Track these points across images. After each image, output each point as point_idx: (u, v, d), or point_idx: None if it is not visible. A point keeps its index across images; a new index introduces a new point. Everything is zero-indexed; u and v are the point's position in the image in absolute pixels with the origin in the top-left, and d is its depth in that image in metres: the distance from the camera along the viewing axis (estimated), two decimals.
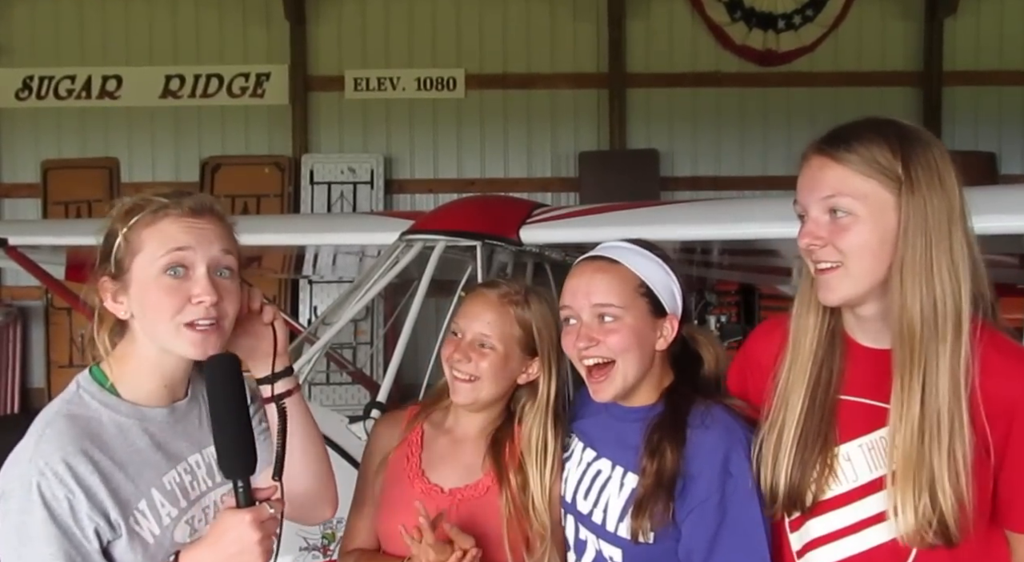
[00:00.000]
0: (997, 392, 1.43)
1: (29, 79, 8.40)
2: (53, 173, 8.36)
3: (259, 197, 8.19)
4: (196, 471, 1.52)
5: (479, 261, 3.23)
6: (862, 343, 1.55)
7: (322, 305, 7.82)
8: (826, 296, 1.49)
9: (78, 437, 1.38)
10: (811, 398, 1.53)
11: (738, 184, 8.35)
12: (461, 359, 1.81)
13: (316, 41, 8.45)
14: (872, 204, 1.43)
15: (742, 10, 8.37)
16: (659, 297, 1.71)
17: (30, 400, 8.27)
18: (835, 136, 1.50)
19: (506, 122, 8.49)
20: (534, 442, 1.80)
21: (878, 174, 1.44)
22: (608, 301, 1.68)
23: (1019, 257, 3.48)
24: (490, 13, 8.43)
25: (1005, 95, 8.44)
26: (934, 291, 1.41)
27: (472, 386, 1.81)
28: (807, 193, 1.49)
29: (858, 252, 1.44)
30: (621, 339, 1.67)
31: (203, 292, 1.42)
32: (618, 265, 1.71)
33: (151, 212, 1.44)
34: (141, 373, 1.48)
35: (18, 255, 4.47)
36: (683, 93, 8.48)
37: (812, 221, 1.47)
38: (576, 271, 1.75)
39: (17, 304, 8.35)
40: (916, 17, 8.45)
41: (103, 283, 1.46)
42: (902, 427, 1.43)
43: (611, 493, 1.69)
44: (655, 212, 3.50)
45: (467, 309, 1.87)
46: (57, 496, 1.34)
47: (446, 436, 1.87)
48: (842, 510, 1.52)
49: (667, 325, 1.71)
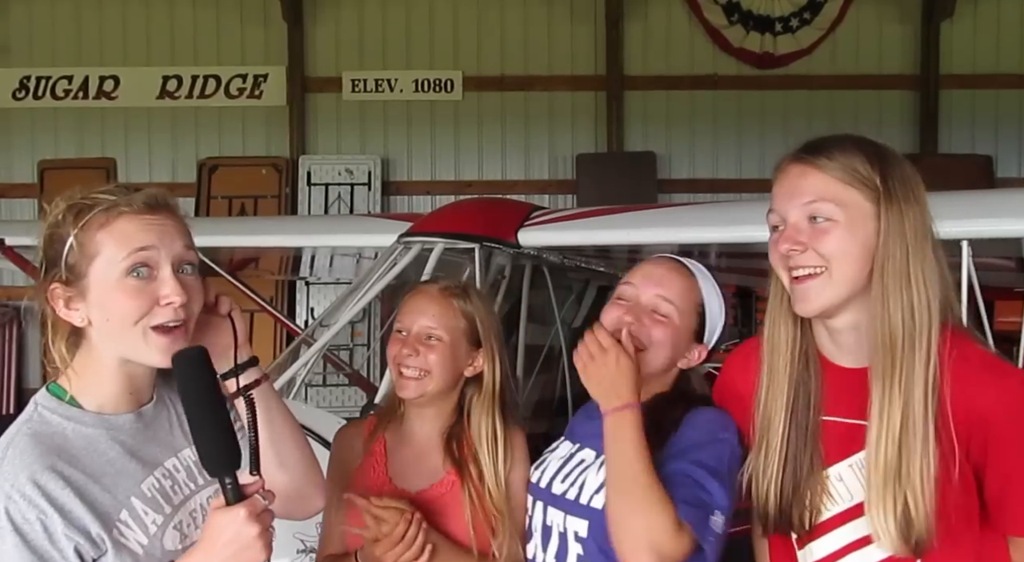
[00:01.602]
0: (969, 404, 1.43)
1: (26, 79, 8.38)
2: (50, 173, 8.33)
3: (256, 198, 8.18)
4: (175, 475, 1.46)
5: (477, 263, 3.23)
6: (837, 363, 1.55)
7: (319, 306, 7.82)
8: (804, 306, 1.48)
9: (43, 454, 1.31)
10: (792, 420, 1.53)
11: (735, 187, 8.34)
12: (409, 354, 1.84)
13: (314, 42, 8.44)
14: (852, 211, 1.45)
15: (739, 13, 8.37)
16: (706, 324, 1.77)
17: (26, 400, 8.19)
18: (813, 146, 1.51)
19: (503, 124, 8.49)
20: (484, 432, 1.85)
21: (858, 183, 1.46)
22: (671, 297, 1.73)
23: (1016, 260, 3.49)
24: (488, 15, 8.43)
25: (1002, 98, 8.45)
26: (912, 300, 1.43)
27: (420, 382, 1.85)
28: (786, 200, 1.49)
29: (840, 256, 1.45)
30: (662, 335, 1.71)
31: (172, 292, 1.35)
32: (692, 279, 1.78)
33: (103, 211, 1.35)
34: (102, 381, 1.40)
35: (15, 255, 4.47)
36: (680, 95, 8.49)
37: (792, 227, 1.48)
38: (655, 260, 1.81)
39: (13, 304, 8.32)
40: (913, 20, 8.46)
41: (53, 290, 1.37)
42: (883, 437, 1.43)
43: (590, 473, 1.70)
44: (653, 215, 3.51)
45: (410, 307, 1.91)
46: (28, 519, 1.27)
47: (407, 445, 1.91)
48: (842, 529, 1.52)
49: (697, 351, 1.77)
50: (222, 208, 8.15)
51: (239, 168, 8.33)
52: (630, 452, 1.54)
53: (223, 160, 8.38)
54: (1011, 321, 4.88)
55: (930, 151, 8.33)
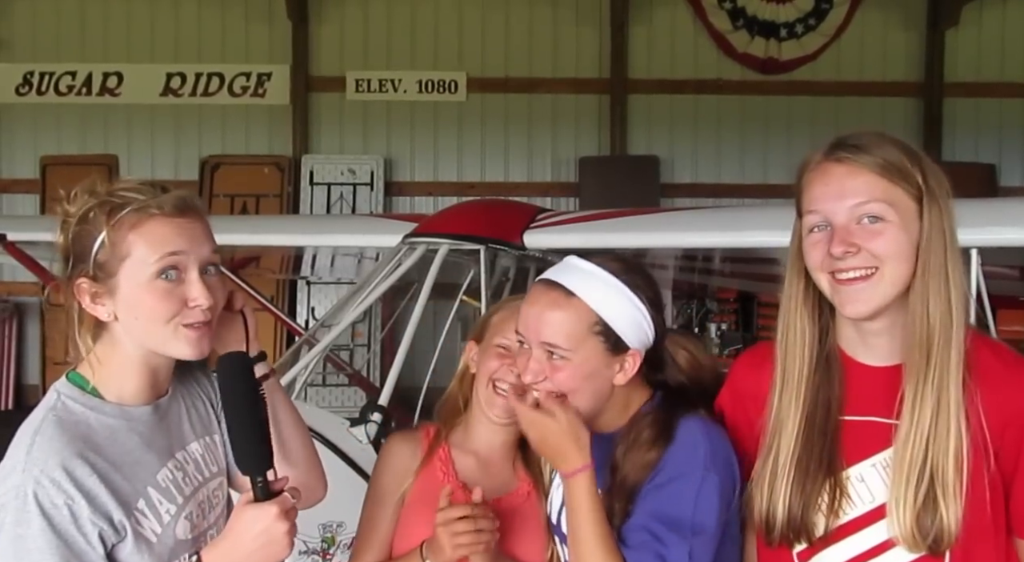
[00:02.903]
0: (1004, 401, 1.42)
1: (29, 74, 8.38)
2: (52, 169, 8.33)
3: (258, 197, 8.17)
4: (186, 467, 1.50)
5: (483, 265, 3.22)
6: (864, 362, 1.52)
7: (320, 306, 7.81)
8: (856, 308, 1.45)
9: (71, 441, 1.35)
10: (808, 423, 1.50)
11: (738, 192, 8.36)
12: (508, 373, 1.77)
13: (318, 42, 8.45)
14: (901, 210, 1.43)
15: (744, 18, 8.38)
16: (618, 334, 1.58)
17: (25, 396, 8.25)
18: (850, 144, 1.47)
19: (507, 126, 8.50)
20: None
21: (902, 182, 1.44)
22: (555, 342, 1.56)
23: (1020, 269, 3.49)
24: (492, 17, 8.43)
25: (1006, 107, 8.46)
26: (950, 297, 1.42)
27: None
28: (833, 201, 1.44)
29: (894, 257, 1.42)
30: (567, 378, 1.57)
31: (200, 296, 1.41)
32: (573, 299, 1.57)
33: (134, 212, 1.39)
34: (125, 373, 1.44)
35: (16, 251, 4.45)
36: (684, 100, 8.49)
37: (842, 229, 1.43)
38: (531, 296, 1.64)
39: (14, 300, 8.32)
40: (918, 28, 8.47)
41: (80, 285, 1.40)
42: (913, 434, 1.41)
43: None
44: (659, 219, 3.50)
45: (511, 323, 1.78)
46: (56, 504, 1.30)
47: (471, 456, 1.85)
48: (861, 534, 1.49)
49: (628, 360, 1.60)
50: (224, 206, 8.14)
51: (242, 166, 8.33)
52: (585, 518, 1.50)
53: (226, 158, 8.38)
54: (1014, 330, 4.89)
55: (933, 159, 8.28)
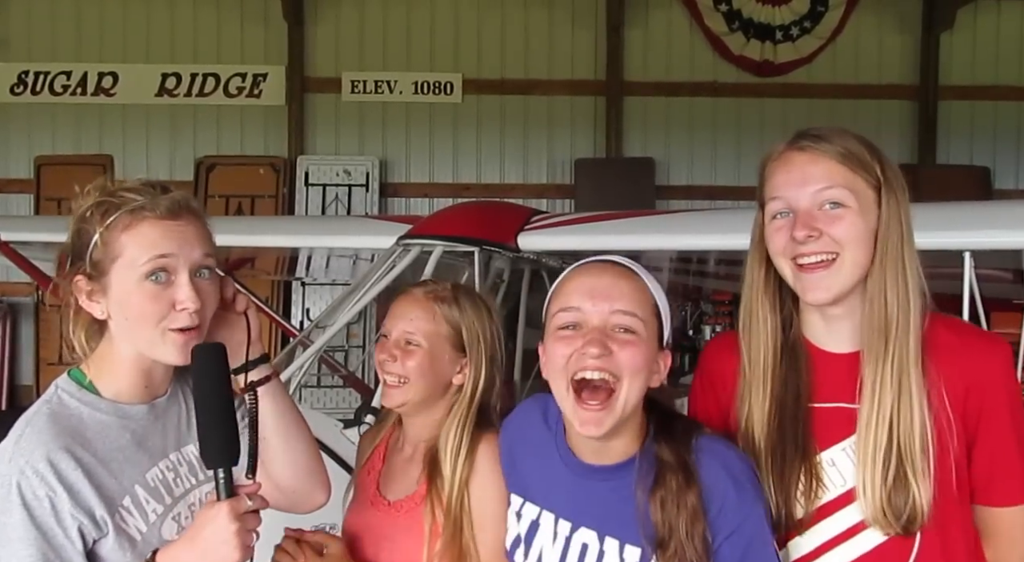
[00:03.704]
0: (963, 370, 1.47)
1: (24, 74, 8.36)
2: (46, 169, 8.31)
3: (253, 198, 8.17)
4: (179, 468, 1.51)
5: (476, 267, 3.22)
6: (828, 349, 1.55)
7: (314, 307, 7.80)
8: (817, 295, 1.48)
9: (59, 434, 1.36)
10: (779, 410, 1.52)
11: (733, 194, 8.34)
12: (387, 359, 1.76)
13: (314, 42, 8.44)
14: (860, 197, 1.48)
15: (740, 20, 8.40)
16: (664, 327, 1.51)
17: (18, 397, 8.23)
18: (815, 135, 1.54)
19: (503, 127, 8.49)
20: (450, 441, 1.71)
21: (862, 171, 1.49)
22: (632, 310, 1.45)
23: (1014, 272, 3.50)
24: (488, 18, 8.43)
25: (1000, 110, 8.48)
26: (908, 283, 1.47)
27: (401, 390, 1.75)
28: (795, 187, 1.50)
29: (854, 242, 1.47)
30: (636, 355, 1.44)
31: (187, 299, 1.40)
32: (639, 278, 1.50)
33: (128, 213, 1.41)
34: (120, 372, 1.46)
35: (9, 251, 4.44)
36: (680, 102, 8.50)
37: (805, 214, 1.48)
38: (590, 270, 1.52)
39: (7, 300, 8.30)
40: (913, 31, 8.49)
41: (77, 282, 1.43)
42: (875, 419, 1.44)
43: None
44: (653, 221, 3.50)
45: (394, 310, 1.82)
46: (38, 495, 1.32)
47: (399, 453, 1.85)
48: (834, 517, 1.51)
49: (663, 360, 1.51)
50: (219, 207, 8.12)
51: (237, 167, 8.32)
52: None
53: (221, 159, 8.37)
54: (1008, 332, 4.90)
55: (928, 162, 8.35)
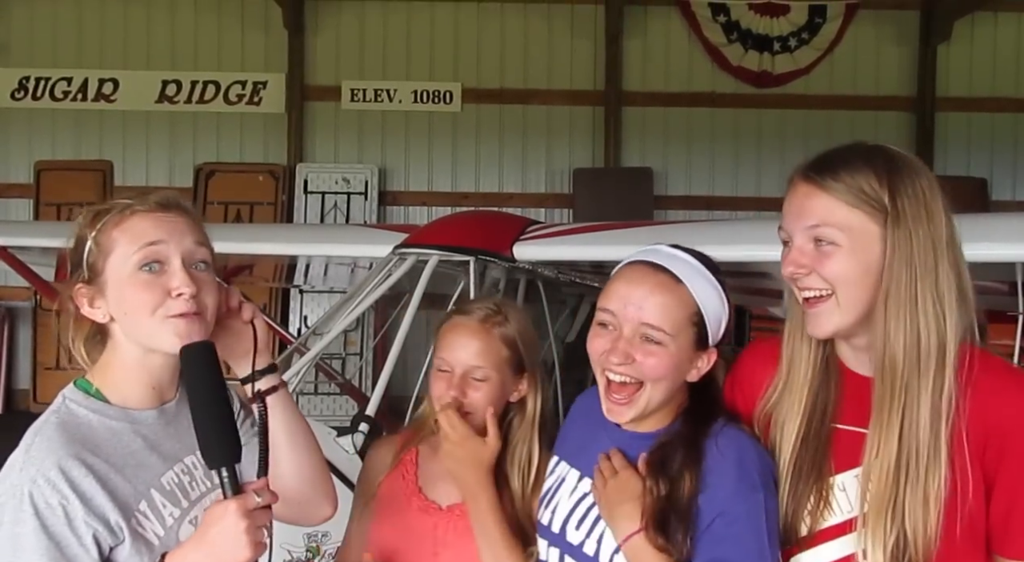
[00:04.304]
0: (987, 414, 1.39)
1: (25, 79, 8.39)
2: (46, 174, 8.34)
3: (252, 205, 8.18)
4: (193, 472, 1.50)
5: (472, 277, 3.23)
6: (856, 371, 1.52)
7: (312, 314, 7.81)
8: (814, 329, 1.47)
9: (69, 442, 1.36)
10: (806, 427, 1.50)
11: (731, 204, 8.38)
12: (456, 396, 1.77)
13: (314, 51, 8.46)
14: (856, 235, 1.42)
15: (738, 31, 8.42)
16: (708, 330, 1.56)
17: (15, 401, 8.23)
18: (822, 162, 1.47)
19: (502, 137, 8.51)
20: (518, 458, 1.80)
21: (864, 204, 1.41)
22: (660, 325, 1.52)
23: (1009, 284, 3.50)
24: (488, 28, 8.46)
25: (997, 121, 8.50)
26: (918, 325, 1.39)
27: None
28: (792, 220, 1.48)
29: (843, 281, 1.42)
30: (659, 366, 1.53)
31: (181, 284, 1.40)
32: (680, 286, 1.54)
33: (118, 212, 1.43)
34: (127, 377, 1.46)
35: (8, 256, 4.45)
36: (678, 112, 8.52)
37: (796, 249, 1.46)
38: (633, 276, 1.57)
39: (5, 304, 8.31)
40: (910, 43, 8.52)
41: (78, 291, 1.44)
42: (877, 463, 1.41)
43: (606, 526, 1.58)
44: (649, 232, 3.51)
45: (450, 341, 1.81)
46: (51, 504, 1.31)
47: (439, 459, 1.83)
48: (835, 542, 1.48)
49: (705, 358, 1.57)
50: (218, 214, 8.13)
51: (236, 174, 8.33)
52: None
53: (220, 166, 8.38)
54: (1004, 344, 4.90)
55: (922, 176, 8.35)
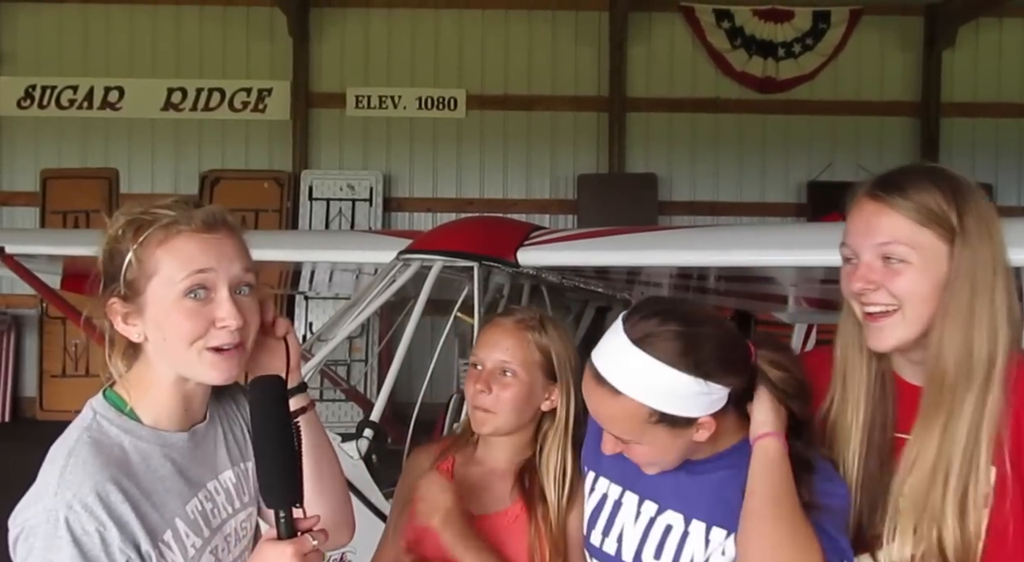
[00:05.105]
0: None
1: (31, 88, 8.43)
2: (52, 182, 8.37)
3: (257, 212, 8.20)
4: (216, 498, 1.44)
5: (476, 282, 3.23)
6: (910, 381, 1.55)
7: (318, 321, 7.81)
8: (876, 343, 1.49)
9: (105, 465, 1.29)
10: (868, 438, 1.53)
11: (736, 210, 8.39)
12: (483, 389, 1.81)
13: (318, 58, 8.50)
14: (926, 253, 1.44)
15: (742, 37, 8.44)
16: (681, 416, 1.49)
17: (21, 409, 8.24)
18: (889, 181, 1.49)
19: (506, 143, 8.53)
20: (553, 468, 1.81)
21: (933, 224, 1.44)
22: (620, 435, 1.53)
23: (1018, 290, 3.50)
24: (492, 34, 8.48)
25: (1002, 127, 8.50)
26: (972, 340, 1.43)
27: (492, 417, 1.81)
28: (861, 238, 1.48)
29: (912, 298, 1.45)
30: (646, 455, 1.54)
31: (228, 316, 1.34)
32: (621, 397, 1.49)
33: (162, 228, 1.34)
34: (160, 397, 1.39)
35: (14, 264, 4.46)
36: (682, 118, 8.53)
37: (865, 265, 1.47)
38: (586, 385, 1.56)
39: (11, 312, 8.34)
40: (915, 48, 8.53)
41: (112, 305, 1.36)
42: (914, 468, 1.44)
43: (693, 547, 1.57)
44: (653, 237, 3.50)
45: (485, 339, 1.87)
46: (88, 530, 1.25)
47: (477, 466, 1.88)
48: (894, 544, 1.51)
49: (703, 427, 1.51)
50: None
51: (241, 181, 8.36)
52: (781, 482, 1.46)
53: (225, 173, 8.42)
54: None
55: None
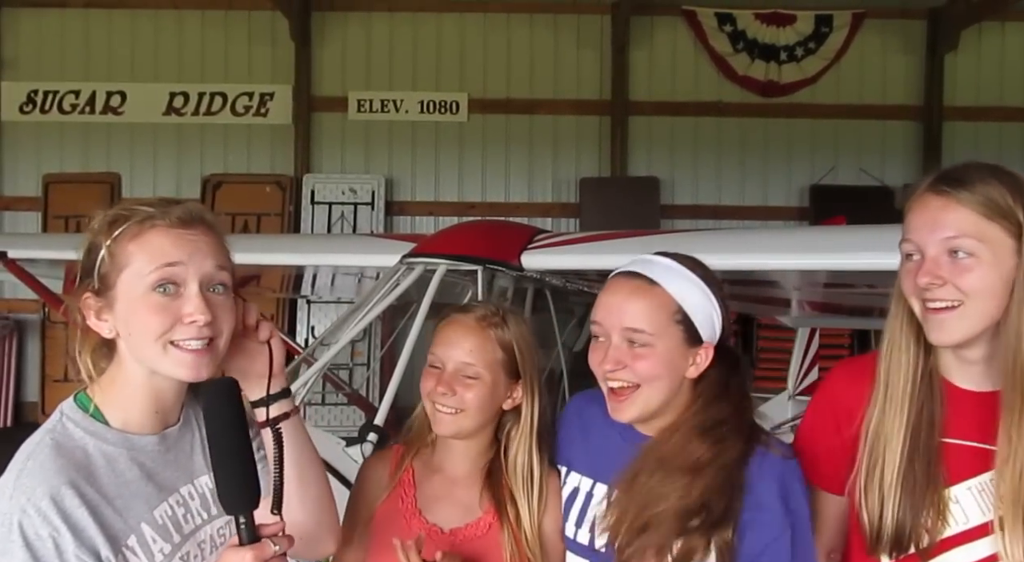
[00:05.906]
0: None
1: (33, 93, 8.44)
2: (54, 187, 8.38)
3: (260, 215, 8.20)
4: (189, 503, 1.40)
5: (480, 285, 3.23)
6: (962, 386, 1.54)
7: (320, 325, 7.81)
8: (940, 337, 1.48)
9: (63, 468, 1.26)
10: (912, 440, 1.52)
11: (738, 213, 8.39)
12: (445, 392, 1.71)
13: (320, 62, 8.50)
14: (994, 247, 1.44)
15: (745, 41, 8.44)
16: (696, 326, 1.62)
17: (23, 414, 8.24)
18: (953, 177, 1.48)
19: (508, 146, 8.53)
20: (520, 469, 1.74)
21: (999, 218, 1.44)
22: (640, 327, 1.60)
23: None
24: (494, 38, 8.49)
25: (1004, 131, 8.49)
26: None
27: (455, 417, 1.72)
28: (926, 233, 1.47)
29: (979, 293, 1.44)
30: (649, 366, 1.60)
31: (195, 311, 1.31)
32: (656, 288, 1.61)
33: (136, 223, 1.33)
34: (130, 397, 1.36)
35: (17, 268, 4.46)
36: (685, 122, 8.53)
37: (931, 261, 1.46)
38: (612, 286, 1.66)
39: (14, 317, 8.34)
40: (917, 52, 8.53)
41: (86, 300, 1.35)
42: (1008, 469, 1.44)
43: None
44: (656, 240, 3.50)
45: (445, 337, 1.76)
46: (41, 535, 1.22)
47: (438, 474, 1.78)
48: (952, 552, 1.52)
49: (701, 353, 1.63)
50: (225, 225, 8.07)
51: (243, 185, 8.36)
52: None
53: (227, 177, 8.42)
54: None
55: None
